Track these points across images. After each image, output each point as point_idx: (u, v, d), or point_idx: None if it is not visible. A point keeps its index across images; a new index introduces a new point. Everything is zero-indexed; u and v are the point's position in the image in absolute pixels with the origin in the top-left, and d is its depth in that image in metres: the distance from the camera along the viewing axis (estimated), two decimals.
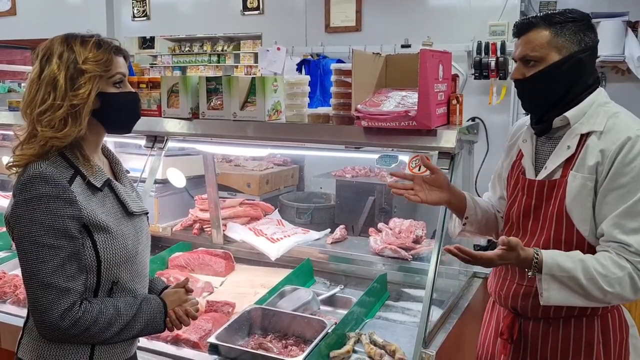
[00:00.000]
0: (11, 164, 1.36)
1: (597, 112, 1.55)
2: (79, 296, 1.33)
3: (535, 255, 1.51)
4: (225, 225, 2.82)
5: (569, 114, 1.56)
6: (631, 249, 1.45)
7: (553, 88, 1.56)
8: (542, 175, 1.61)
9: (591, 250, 1.54)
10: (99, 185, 1.40)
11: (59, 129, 1.33)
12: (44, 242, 1.29)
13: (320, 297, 2.22)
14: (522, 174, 1.68)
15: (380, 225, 2.72)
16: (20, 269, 1.39)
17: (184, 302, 1.54)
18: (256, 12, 5.35)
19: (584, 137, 1.54)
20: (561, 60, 1.53)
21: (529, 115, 1.71)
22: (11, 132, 3.03)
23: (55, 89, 1.33)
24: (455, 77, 2.03)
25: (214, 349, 1.85)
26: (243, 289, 2.39)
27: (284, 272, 2.44)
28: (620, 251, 1.47)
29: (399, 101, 1.85)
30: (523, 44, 1.56)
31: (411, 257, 2.45)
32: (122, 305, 1.40)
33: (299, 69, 4.84)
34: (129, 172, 1.61)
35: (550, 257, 1.51)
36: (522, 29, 1.57)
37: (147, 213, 1.57)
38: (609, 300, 1.50)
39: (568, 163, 1.56)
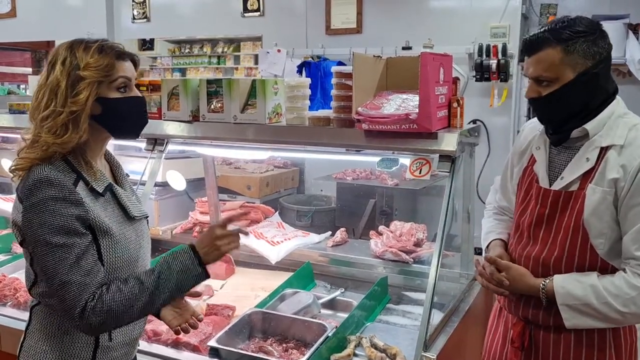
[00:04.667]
0: (14, 167, 1.36)
1: (616, 124, 1.53)
2: (97, 287, 1.32)
3: (542, 284, 1.55)
4: None
5: (588, 126, 1.53)
6: None
7: (570, 104, 1.53)
8: (557, 185, 1.59)
9: (604, 265, 1.53)
10: (100, 191, 1.40)
11: (60, 134, 1.34)
12: (56, 242, 1.29)
13: (321, 301, 2.21)
14: (535, 181, 1.66)
15: (381, 228, 2.72)
16: (23, 271, 1.40)
17: (219, 237, 1.44)
18: (256, 13, 5.34)
19: (603, 150, 1.52)
20: (576, 77, 1.49)
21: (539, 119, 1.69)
22: (11, 135, 3.04)
23: (57, 95, 1.34)
24: (456, 80, 2.03)
25: (214, 352, 1.85)
26: (243, 292, 2.39)
27: (285, 275, 2.43)
28: (636, 268, 1.46)
29: (400, 104, 1.85)
30: (534, 63, 1.52)
31: (412, 260, 2.44)
32: (144, 274, 1.36)
33: (299, 71, 4.84)
34: (128, 176, 1.61)
35: (561, 286, 1.53)
36: (531, 47, 1.53)
37: (148, 217, 1.57)
38: (630, 320, 1.51)
39: (586, 176, 1.53)
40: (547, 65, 1.49)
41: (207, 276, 1.43)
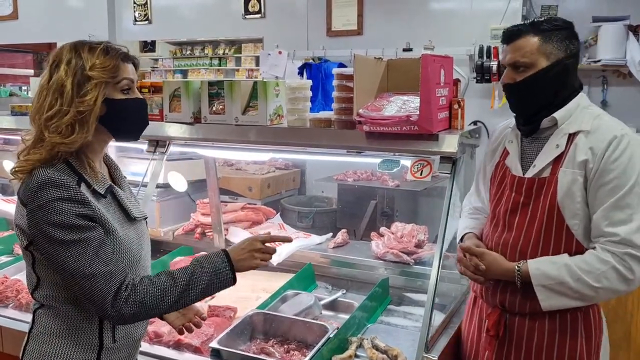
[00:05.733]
0: (16, 169, 1.36)
1: (582, 114, 1.64)
2: (123, 275, 1.34)
3: (517, 267, 1.62)
4: (226, 229, 2.82)
5: (557, 114, 1.64)
6: (616, 239, 1.52)
7: (541, 92, 1.64)
8: (530, 173, 1.67)
9: (579, 249, 1.59)
10: (102, 192, 1.41)
11: (66, 134, 1.34)
12: (71, 239, 1.30)
13: (322, 302, 2.22)
14: (508, 172, 1.74)
15: (382, 229, 2.72)
16: (25, 272, 1.41)
17: (257, 250, 1.50)
18: (257, 15, 5.35)
19: (571, 137, 1.62)
20: (549, 66, 1.61)
21: (512, 118, 1.78)
22: (13, 137, 3.05)
23: (62, 95, 1.34)
24: (456, 82, 2.04)
25: (215, 353, 1.85)
26: (245, 293, 2.38)
27: (286, 277, 2.44)
28: (606, 244, 1.53)
29: (401, 106, 1.86)
30: (512, 50, 1.64)
31: (413, 261, 2.44)
32: (176, 271, 1.40)
33: (300, 73, 4.84)
34: (125, 178, 1.62)
35: (535, 267, 1.60)
36: (511, 36, 1.65)
37: (147, 218, 1.58)
38: (602, 295, 1.57)
39: (557, 161, 1.63)
40: (524, 51, 1.61)
41: (235, 282, 1.48)
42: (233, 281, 1.46)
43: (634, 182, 1.53)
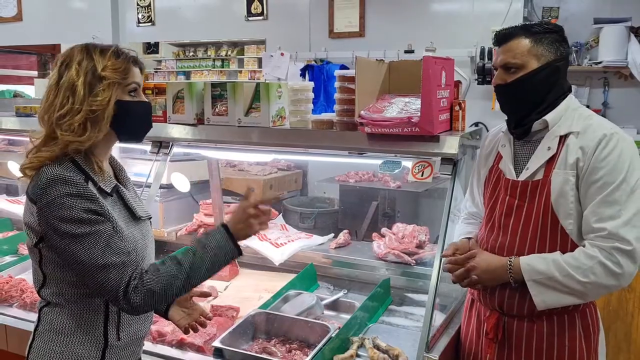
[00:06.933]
0: (25, 166, 1.38)
1: (572, 116, 1.65)
2: (135, 265, 1.35)
3: (509, 262, 1.63)
4: None
5: (548, 117, 1.65)
6: (603, 234, 1.53)
7: (532, 93, 1.66)
8: (523, 175, 1.69)
9: (574, 247, 1.61)
10: (108, 191, 1.43)
11: (79, 133, 1.36)
12: (81, 233, 1.31)
13: (324, 302, 2.23)
14: (502, 176, 1.75)
15: (384, 230, 2.72)
16: (29, 272, 1.41)
17: (252, 216, 1.46)
18: (260, 17, 5.37)
19: (562, 138, 1.64)
20: (540, 67, 1.63)
21: (504, 122, 1.80)
22: (17, 138, 3.07)
23: (74, 94, 1.36)
24: (457, 83, 2.05)
25: (218, 353, 1.87)
26: (247, 293, 2.40)
27: (288, 277, 2.45)
28: (595, 240, 1.55)
29: (402, 107, 1.87)
30: (504, 52, 1.66)
31: (414, 262, 2.45)
32: (180, 255, 1.41)
33: (302, 74, 4.85)
34: (130, 179, 1.63)
35: (526, 263, 1.61)
36: (503, 38, 1.67)
37: (151, 217, 1.59)
38: (591, 291, 1.57)
39: (550, 163, 1.64)
40: (516, 53, 1.63)
41: (240, 253, 1.46)
42: (237, 252, 1.46)
43: (622, 178, 1.54)
